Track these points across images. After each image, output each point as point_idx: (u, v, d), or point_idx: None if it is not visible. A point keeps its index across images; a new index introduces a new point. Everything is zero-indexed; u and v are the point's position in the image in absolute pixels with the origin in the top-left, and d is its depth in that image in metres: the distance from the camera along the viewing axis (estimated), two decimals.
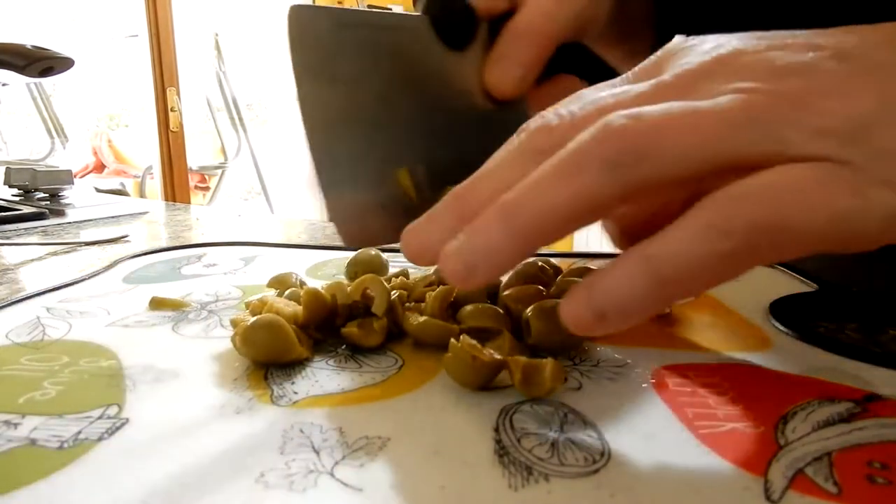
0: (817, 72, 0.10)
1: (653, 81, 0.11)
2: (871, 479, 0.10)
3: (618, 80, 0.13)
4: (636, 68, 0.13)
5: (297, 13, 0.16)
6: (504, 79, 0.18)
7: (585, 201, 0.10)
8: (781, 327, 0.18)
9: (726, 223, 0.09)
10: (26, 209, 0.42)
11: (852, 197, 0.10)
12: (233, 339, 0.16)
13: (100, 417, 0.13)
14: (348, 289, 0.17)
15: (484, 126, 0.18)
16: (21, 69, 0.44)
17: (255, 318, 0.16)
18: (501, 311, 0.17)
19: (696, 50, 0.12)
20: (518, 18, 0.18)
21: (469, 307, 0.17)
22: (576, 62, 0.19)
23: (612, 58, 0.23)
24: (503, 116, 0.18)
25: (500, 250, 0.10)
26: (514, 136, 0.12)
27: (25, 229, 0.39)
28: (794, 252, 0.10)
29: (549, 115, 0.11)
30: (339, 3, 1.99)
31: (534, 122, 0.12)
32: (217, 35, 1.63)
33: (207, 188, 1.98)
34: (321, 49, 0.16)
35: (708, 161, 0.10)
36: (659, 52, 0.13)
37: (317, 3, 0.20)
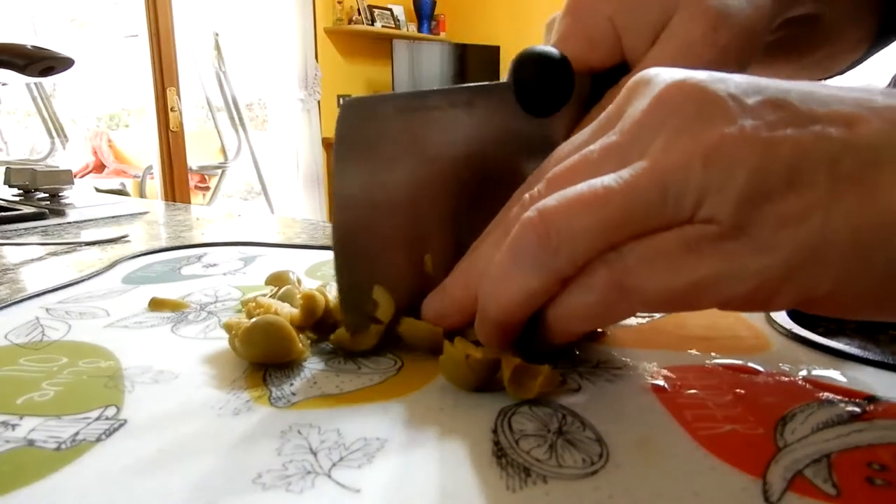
0: (739, 126, 0.10)
1: (603, 142, 0.12)
2: (870, 481, 0.10)
3: (586, 131, 0.13)
4: (605, 114, 0.13)
5: (349, 104, 0.14)
6: None
7: (530, 293, 0.12)
8: (780, 329, 0.18)
9: (590, 279, 0.11)
10: (26, 209, 0.42)
11: (720, 262, 0.10)
12: (231, 342, 0.16)
13: (98, 418, 0.13)
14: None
15: None
16: (21, 69, 0.44)
17: (255, 319, 0.16)
18: None
19: (645, 90, 0.12)
20: (625, 83, 0.15)
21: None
22: None
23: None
24: None
25: (491, 334, 0.14)
26: (507, 204, 0.15)
27: (25, 229, 0.39)
28: (675, 309, 0.12)
29: (525, 195, 0.13)
30: (339, 2, 1.99)
31: (518, 195, 0.14)
32: (217, 35, 1.63)
33: (207, 188, 1.98)
34: (369, 136, 0.14)
35: (609, 240, 0.11)
36: (625, 89, 0.13)
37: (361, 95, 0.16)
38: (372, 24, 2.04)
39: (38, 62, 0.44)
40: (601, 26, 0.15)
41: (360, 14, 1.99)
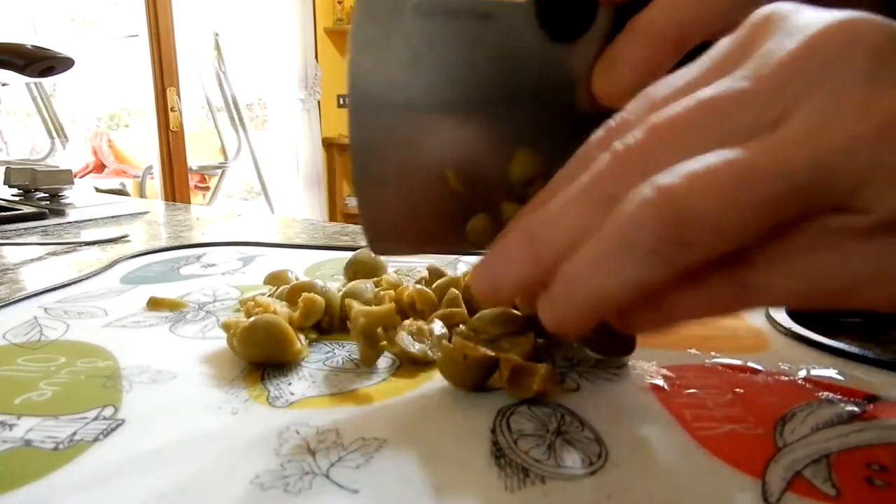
0: None
1: (728, 87, 0.09)
2: (870, 482, 0.10)
3: (692, 68, 0.11)
4: (717, 49, 0.10)
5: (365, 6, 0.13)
6: (614, 87, 0.14)
7: (638, 288, 0.09)
8: (780, 328, 0.17)
9: (710, 275, 0.09)
10: (26, 209, 0.42)
11: (871, 260, 0.09)
12: (229, 342, 0.16)
13: (95, 418, 0.13)
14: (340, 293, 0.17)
15: (579, 126, 0.14)
16: (21, 69, 0.44)
17: (253, 318, 0.16)
18: (517, 312, 0.16)
19: (785, 27, 0.09)
20: (648, 11, 0.13)
21: (486, 313, 0.16)
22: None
23: None
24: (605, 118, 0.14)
25: (568, 320, 0.10)
26: (582, 151, 0.11)
27: (25, 229, 0.39)
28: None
29: (616, 143, 0.10)
30: (339, 2, 1.99)
31: (598, 142, 0.11)
32: (217, 35, 1.62)
33: (207, 188, 1.98)
34: (387, 34, 0.13)
35: (753, 233, 0.09)
36: (748, 23, 0.10)
37: None
38: None
39: (38, 62, 0.44)
40: None
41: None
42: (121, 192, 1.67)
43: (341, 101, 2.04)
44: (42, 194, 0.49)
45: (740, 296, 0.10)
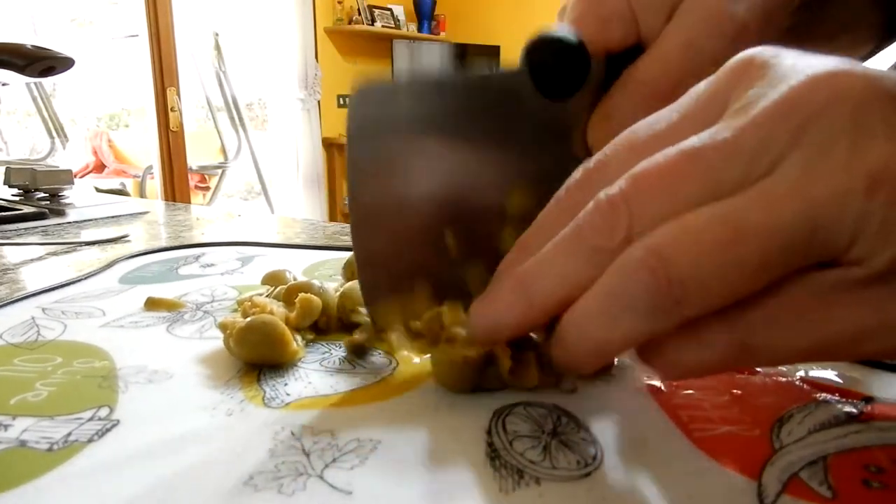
0: None
1: (711, 138, 0.09)
2: (866, 484, 0.10)
3: (670, 113, 0.11)
4: (696, 96, 0.10)
5: (360, 90, 0.13)
6: (608, 140, 0.13)
7: (636, 338, 0.10)
8: None
9: (707, 335, 0.09)
10: (26, 209, 0.42)
11: (869, 313, 0.09)
12: (226, 342, 0.16)
13: (90, 419, 0.13)
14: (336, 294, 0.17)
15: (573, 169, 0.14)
16: (21, 69, 0.44)
17: (249, 319, 0.16)
18: None
19: (768, 76, 0.09)
20: (640, 66, 0.13)
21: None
22: None
23: None
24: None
25: (578, 362, 0.11)
26: (562, 194, 0.12)
27: (25, 229, 0.39)
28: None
29: (600, 194, 0.10)
30: (339, 2, 1.99)
31: (577, 184, 0.11)
32: (217, 35, 1.63)
33: (207, 188, 1.98)
34: (382, 121, 0.14)
35: (745, 291, 0.09)
36: (729, 67, 0.10)
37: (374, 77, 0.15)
38: (372, 24, 2.04)
39: (38, 62, 0.44)
40: (616, 6, 0.14)
41: (360, 14, 1.99)
42: (121, 192, 1.67)
43: (341, 101, 2.04)
44: (42, 194, 0.49)
45: (744, 355, 0.10)
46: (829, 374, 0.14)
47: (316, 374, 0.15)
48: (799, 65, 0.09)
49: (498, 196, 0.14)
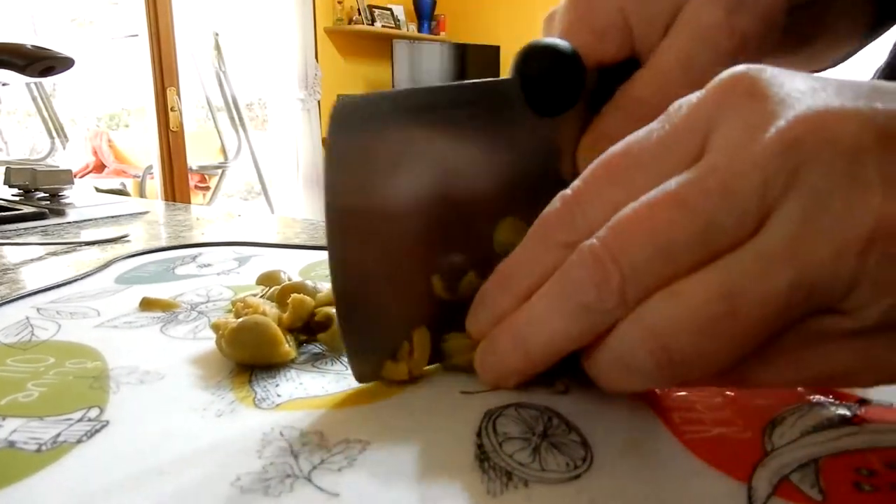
0: None
1: (692, 179, 0.09)
2: (858, 486, 0.10)
3: (657, 134, 0.10)
4: (682, 113, 0.10)
5: (340, 105, 0.12)
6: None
7: (653, 384, 0.11)
8: None
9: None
10: (26, 209, 0.42)
11: (853, 357, 0.09)
12: (218, 342, 0.16)
13: (80, 420, 0.13)
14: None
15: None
16: (21, 69, 0.44)
17: (241, 320, 0.16)
18: None
19: (754, 108, 0.09)
20: (635, 84, 0.13)
21: (455, 338, 0.14)
22: None
23: None
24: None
25: (501, 379, 0.13)
26: (540, 227, 0.11)
27: (25, 229, 0.39)
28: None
29: (584, 246, 0.10)
30: (339, 2, 1.99)
31: (556, 215, 0.11)
32: (217, 35, 1.63)
33: (207, 188, 1.98)
34: (362, 141, 0.12)
35: (752, 345, 0.09)
36: (715, 87, 0.10)
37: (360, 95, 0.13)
38: (372, 24, 2.04)
39: (38, 62, 0.44)
40: (611, 17, 0.13)
41: (360, 14, 1.99)
42: (121, 192, 1.67)
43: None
44: (42, 194, 0.49)
45: (740, 383, 0.10)
46: None
47: (308, 375, 0.15)
48: (790, 93, 0.09)
49: (485, 221, 0.14)
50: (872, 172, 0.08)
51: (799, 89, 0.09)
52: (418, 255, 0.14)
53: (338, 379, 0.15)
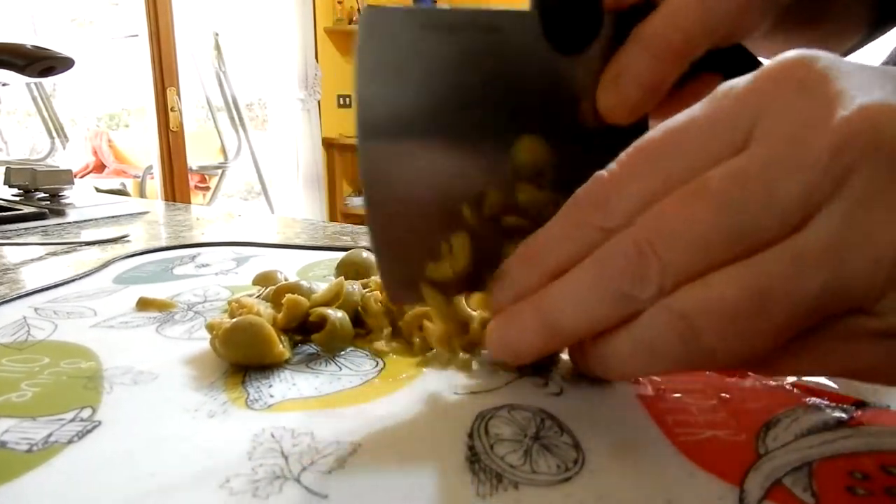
0: None
1: (739, 178, 0.09)
2: (851, 490, 0.10)
3: (701, 120, 0.10)
4: (728, 101, 0.10)
5: (370, 15, 0.12)
6: (619, 103, 0.13)
7: (677, 368, 0.10)
8: None
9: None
10: (26, 209, 0.43)
11: (883, 356, 0.09)
12: (212, 343, 0.16)
13: (72, 420, 0.13)
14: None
15: (586, 146, 0.14)
16: (21, 69, 0.44)
17: (235, 320, 0.16)
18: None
19: (800, 105, 0.09)
20: (651, 20, 0.13)
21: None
22: (723, 56, 0.13)
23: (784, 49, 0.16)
24: (615, 137, 0.13)
25: (523, 352, 0.12)
26: (573, 204, 0.11)
27: (25, 229, 0.39)
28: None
29: (624, 237, 0.10)
30: (339, 2, 1.99)
31: (590, 200, 0.11)
32: (217, 35, 1.63)
33: (207, 188, 1.98)
34: (392, 54, 0.13)
35: (777, 341, 0.09)
36: (766, 74, 0.09)
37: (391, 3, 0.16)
38: None
39: (38, 62, 0.44)
40: None
41: (360, 14, 1.99)
42: (121, 192, 1.67)
43: (341, 101, 2.04)
44: (42, 194, 0.49)
45: (763, 370, 0.11)
46: (820, 378, 0.14)
47: (301, 376, 0.15)
48: (844, 88, 0.09)
49: (504, 146, 0.13)
50: None
51: (853, 84, 0.09)
52: (446, 173, 0.14)
53: (331, 380, 0.15)
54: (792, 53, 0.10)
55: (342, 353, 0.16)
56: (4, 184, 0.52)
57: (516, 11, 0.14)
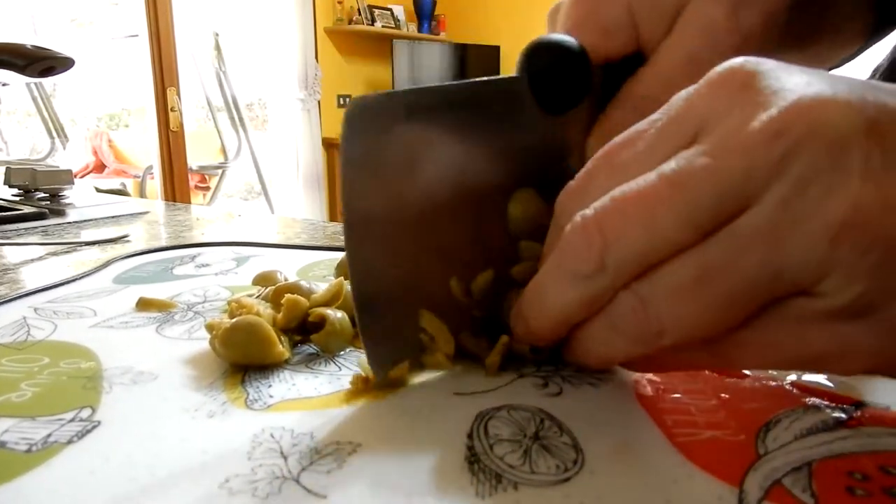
0: None
1: (689, 162, 0.09)
2: (850, 491, 0.10)
3: (655, 125, 0.11)
4: (679, 106, 0.10)
5: (355, 106, 0.12)
6: None
7: (627, 355, 0.12)
8: None
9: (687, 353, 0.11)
10: (26, 209, 0.43)
11: (830, 342, 0.09)
12: (211, 343, 0.16)
13: (72, 420, 0.13)
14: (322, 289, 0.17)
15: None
16: (21, 69, 0.44)
17: (235, 320, 0.16)
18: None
19: (749, 99, 0.09)
20: (642, 78, 0.13)
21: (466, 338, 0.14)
22: None
23: None
24: None
25: (526, 339, 0.14)
26: (555, 217, 0.12)
27: (25, 229, 0.39)
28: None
29: (577, 217, 0.11)
30: (339, 2, 1.99)
31: (562, 204, 0.12)
32: (217, 35, 1.63)
33: (207, 188, 1.98)
34: (377, 144, 0.12)
35: (726, 318, 0.10)
36: (711, 80, 0.10)
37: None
38: (372, 24, 2.04)
39: (38, 62, 0.44)
40: (616, 12, 0.14)
41: (360, 14, 1.99)
42: (121, 192, 1.67)
43: (341, 102, 2.04)
44: (42, 194, 0.49)
45: (718, 362, 0.11)
46: (820, 377, 0.14)
47: (301, 376, 0.15)
48: (784, 84, 0.09)
49: (497, 217, 0.14)
50: (854, 162, 0.08)
51: (793, 81, 0.09)
52: (435, 255, 0.14)
53: (331, 380, 0.15)
54: (736, 60, 0.10)
55: (342, 353, 0.16)
56: (4, 184, 0.52)
57: (503, 78, 0.14)
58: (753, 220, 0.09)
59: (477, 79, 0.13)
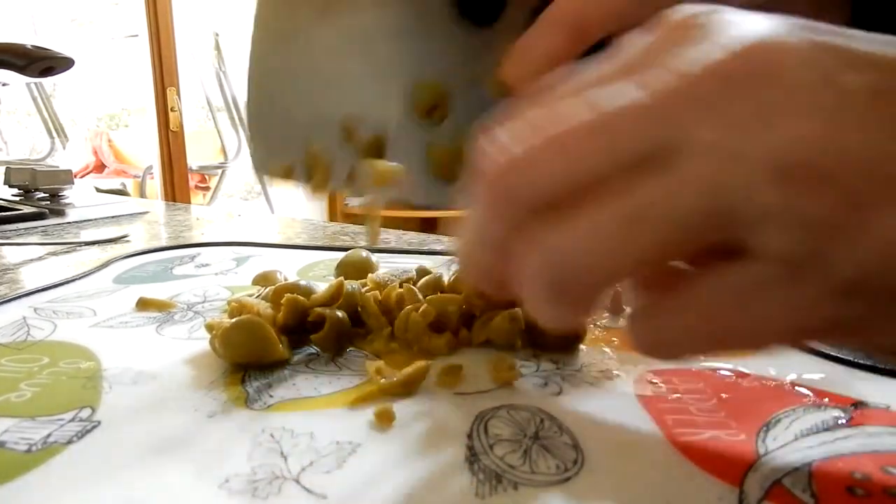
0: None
1: (623, 95, 0.09)
2: (851, 491, 0.10)
3: (598, 65, 0.10)
4: (626, 48, 0.10)
5: None
6: (521, 74, 0.13)
7: (564, 319, 0.10)
8: None
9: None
10: (26, 209, 0.43)
11: (777, 308, 0.08)
12: (211, 343, 0.16)
13: (71, 420, 0.13)
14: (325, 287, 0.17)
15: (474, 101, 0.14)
16: (21, 69, 0.44)
17: (235, 319, 0.15)
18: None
19: (695, 38, 0.09)
20: (554, 3, 0.13)
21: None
22: None
23: None
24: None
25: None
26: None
27: (25, 229, 0.39)
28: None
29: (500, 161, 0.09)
30: None
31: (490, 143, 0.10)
32: (217, 35, 1.63)
33: (207, 188, 1.98)
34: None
35: (654, 262, 0.09)
36: (662, 24, 0.10)
37: None
38: None
39: (38, 62, 0.44)
40: None
41: None
42: (121, 192, 1.67)
43: None
44: (42, 194, 0.49)
45: (666, 354, 0.10)
46: (820, 377, 0.14)
47: (301, 376, 0.15)
48: (736, 28, 0.09)
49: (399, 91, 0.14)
50: (803, 97, 0.08)
51: (748, 26, 0.09)
52: (331, 95, 0.14)
53: (331, 380, 0.15)
54: (686, 8, 0.10)
55: (342, 353, 0.16)
56: (4, 184, 0.52)
57: None
58: (689, 159, 0.08)
59: None
